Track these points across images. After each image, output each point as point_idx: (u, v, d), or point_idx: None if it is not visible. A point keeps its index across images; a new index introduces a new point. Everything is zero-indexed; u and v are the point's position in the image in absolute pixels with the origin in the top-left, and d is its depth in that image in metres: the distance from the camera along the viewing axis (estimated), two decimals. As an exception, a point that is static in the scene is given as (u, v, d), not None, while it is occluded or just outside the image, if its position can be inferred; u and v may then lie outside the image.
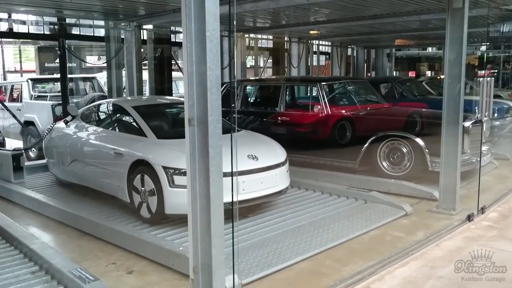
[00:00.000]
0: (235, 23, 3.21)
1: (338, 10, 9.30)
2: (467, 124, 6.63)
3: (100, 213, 5.32)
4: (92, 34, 10.20)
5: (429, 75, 24.64)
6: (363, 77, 16.04)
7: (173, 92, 11.19)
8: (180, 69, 12.15)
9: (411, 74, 24.78)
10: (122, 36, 9.61)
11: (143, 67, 10.14)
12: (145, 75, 10.38)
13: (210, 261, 3.01)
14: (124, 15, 9.22)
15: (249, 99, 8.81)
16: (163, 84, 10.57)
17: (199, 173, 3.02)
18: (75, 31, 10.82)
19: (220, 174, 2.99)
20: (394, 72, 23.97)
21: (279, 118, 7.80)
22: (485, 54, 11.64)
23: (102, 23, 9.85)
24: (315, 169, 7.16)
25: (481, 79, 5.39)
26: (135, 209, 5.09)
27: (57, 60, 17.53)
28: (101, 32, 10.28)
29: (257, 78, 11.27)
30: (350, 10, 9.10)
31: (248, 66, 14.45)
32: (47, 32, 9.53)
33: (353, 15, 9.68)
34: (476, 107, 6.27)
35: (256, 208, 5.38)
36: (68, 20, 9.67)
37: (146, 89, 10.77)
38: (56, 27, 8.98)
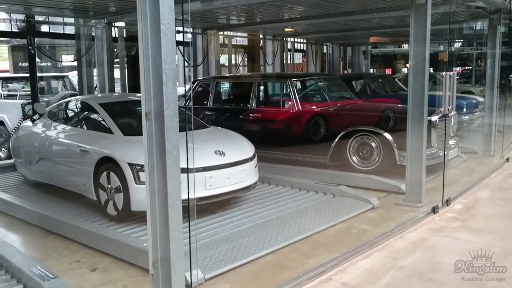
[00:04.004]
0: (189, 19, 3.20)
1: (311, 7, 9.36)
2: (434, 118, 6.75)
3: (67, 212, 5.27)
4: (62, 32, 10.04)
5: (406, 72, 24.92)
6: (333, 74, 16.15)
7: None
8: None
9: (388, 71, 25.02)
10: (94, 34, 9.49)
11: (115, 65, 10.04)
12: (119, 73, 10.28)
13: (169, 256, 3.00)
14: (94, 12, 9.10)
15: (221, 96, 8.79)
16: (136, 82, 10.49)
17: (157, 167, 3.01)
18: (49, 29, 10.64)
19: (177, 168, 2.99)
20: (372, 69, 24.17)
21: (250, 114, 7.81)
22: (448, 51, 11.89)
23: (72, 20, 9.69)
24: (286, 165, 7.20)
25: (443, 73, 5.49)
26: (102, 207, 5.05)
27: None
28: (72, 30, 10.13)
29: (228, 75, 11.25)
30: (322, 7, 9.15)
31: (225, 64, 14.41)
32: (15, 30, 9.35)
33: (325, 12, 9.74)
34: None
35: (225, 204, 5.39)
36: (37, 18, 9.51)
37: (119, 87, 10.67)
38: (24, 24, 8.82)
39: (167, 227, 2.98)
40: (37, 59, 17.14)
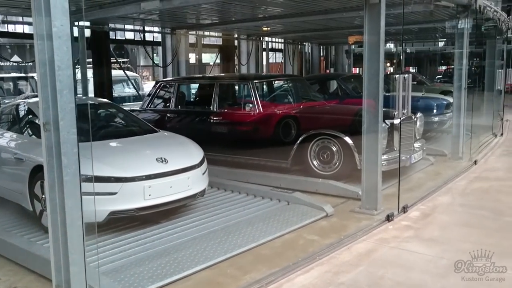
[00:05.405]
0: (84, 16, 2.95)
1: (278, 7, 9.13)
2: (397, 121, 6.53)
3: (3, 224, 4.96)
4: (23, 31, 9.72)
5: (387, 71, 24.77)
6: (299, 75, 15.90)
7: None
8: (121, 68, 11.77)
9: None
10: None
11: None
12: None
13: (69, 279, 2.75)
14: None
15: (183, 98, 8.49)
16: (101, 84, 10.21)
17: (57, 183, 2.76)
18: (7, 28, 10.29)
19: (77, 185, 2.73)
20: (357, 69, 23.97)
21: (212, 117, 7.54)
22: (402, 51, 11.85)
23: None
24: (246, 169, 6.96)
25: (396, 76, 5.28)
26: (38, 218, 4.77)
27: (12, 58, 16.85)
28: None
29: (190, 76, 10.94)
30: (288, 6, 8.93)
31: (196, 64, 14.11)
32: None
33: (293, 12, 9.52)
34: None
35: (171, 213, 5.13)
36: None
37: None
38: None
39: (67, 249, 2.72)
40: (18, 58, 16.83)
